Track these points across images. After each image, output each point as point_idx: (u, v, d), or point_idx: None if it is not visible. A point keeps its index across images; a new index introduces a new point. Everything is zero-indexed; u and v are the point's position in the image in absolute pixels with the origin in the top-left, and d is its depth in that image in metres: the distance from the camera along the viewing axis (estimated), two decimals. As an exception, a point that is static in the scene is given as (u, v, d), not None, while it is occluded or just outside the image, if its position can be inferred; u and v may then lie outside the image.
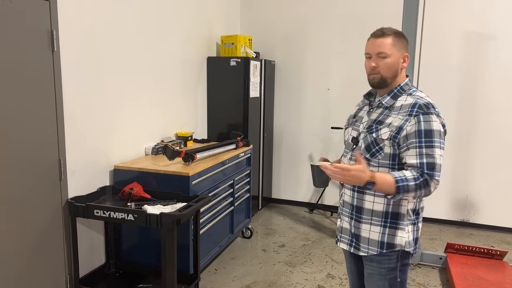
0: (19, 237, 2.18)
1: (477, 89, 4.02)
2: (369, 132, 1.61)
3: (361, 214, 1.65)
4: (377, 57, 1.58)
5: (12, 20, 2.05)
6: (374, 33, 1.61)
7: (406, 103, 1.57)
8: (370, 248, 1.65)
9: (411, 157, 1.51)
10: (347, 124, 1.80)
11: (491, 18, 3.89)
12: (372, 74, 1.61)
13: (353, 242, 1.70)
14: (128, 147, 3.01)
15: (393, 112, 1.58)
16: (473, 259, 3.22)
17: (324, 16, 4.40)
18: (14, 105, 2.09)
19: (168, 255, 2.28)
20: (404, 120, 1.53)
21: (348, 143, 1.72)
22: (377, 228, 1.63)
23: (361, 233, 1.67)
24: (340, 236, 1.77)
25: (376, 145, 1.58)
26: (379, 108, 1.64)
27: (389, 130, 1.55)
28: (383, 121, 1.59)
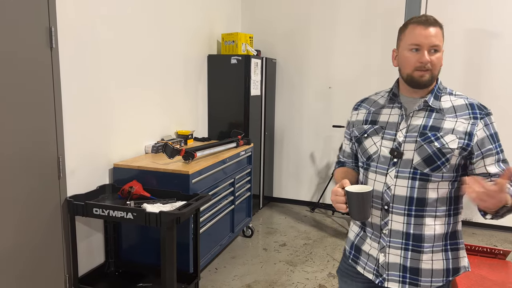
0: (18, 236, 2.16)
1: (480, 87, 3.99)
2: (425, 141, 1.31)
3: (422, 243, 1.35)
4: (429, 51, 1.30)
5: (10, 16, 2.03)
6: (425, 20, 1.32)
7: (459, 104, 1.34)
8: (434, 280, 1.37)
9: (491, 166, 1.30)
10: (363, 133, 1.44)
11: (495, 15, 3.86)
12: (422, 70, 1.30)
13: (408, 278, 1.38)
14: (128, 145, 2.99)
15: (448, 115, 1.32)
16: (476, 258, 3.19)
17: (325, 14, 4.37)
18: (12, 102, 2.07)
19: (168, 254, 2.26)
20: (471, 125, 1.30)
21: (382, 157, 1.38)
22: (440, 255, 1.37)
23: (421, 265, 1.36)
24: (387, 275, 1.40)
25: (442, 156, 1.29)
26: (422, 111, 1.35)
27: (457, 138, 1.29)
28: (439, 126, 1.31)
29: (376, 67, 4.26)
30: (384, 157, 1.37)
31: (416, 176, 1.32)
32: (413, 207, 1.33)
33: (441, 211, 1.34)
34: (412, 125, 1.35)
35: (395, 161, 1.35)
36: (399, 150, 1.34)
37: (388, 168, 1.36)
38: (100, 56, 2.64)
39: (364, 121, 1.46)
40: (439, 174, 1.31)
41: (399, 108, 1.39)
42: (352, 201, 1.26)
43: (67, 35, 2.37)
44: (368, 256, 1.45)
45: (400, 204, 1.34)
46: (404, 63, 1.34)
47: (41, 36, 2.20)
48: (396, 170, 1.34)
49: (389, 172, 1.36)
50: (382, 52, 4.22)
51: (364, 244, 1.47)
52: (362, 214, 1.27)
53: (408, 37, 1.32)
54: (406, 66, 1.33)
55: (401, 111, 1.38)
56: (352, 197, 1.26)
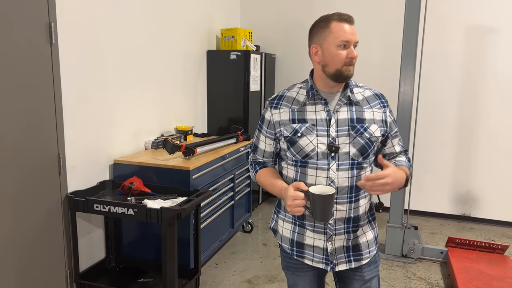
0: (18, 232, 2.16)
1: (480, 82, 4.00)
2: (357, 133, 1.41)
3: (358, 222, 1.49)
4: (354, 47, 1.38)
5: (9, 12, 2.01)
6: (348, 18, 1.38)
7: (368, 95, 1.48)
8: (370, 250, 1.53)
9: (397, 146, 1.55)
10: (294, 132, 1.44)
11: (495, 11, 3.85)
12: (350, 65, 1.38)
13: (352, 256, 1.51)
14: (128, 141, 2.98)
15: (364, 106, 1.45)
16: (475, 253, 3.22)
17: (324, 8, 4.35)
18: (12, 99, 2.06)
19: (169, 250, 2.27)
20: (382, 113, 1.48)
21: (321, 154, 1.41)
22: (367, 226, 1.54)
23: (359, 240, 1.51)
24: (336, 259, 1.49)
25: (371, 144, 1.43)
26: (344, 105, 1.44)
27: (378, 126, 1.45)
28: (362, 118, 1.43)
29: (375, 62, 4.26)
30: (322, 154, 1.42)
31: (354, 166, 1.43)
32: (353, 194, 1.44)
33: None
34: (340, 119, 1.43)
35: (332, 155, 1.42)
36: (335, 144, 1.41)
37: (329, 163, 1.41)
38: (100, 52, 2.63)
39: (291, 120, 1.46)
40: (368, 161, 1.46)
41: (323, 104, 1.45)
42: (317, 203, 1.29)
43: (67, 31, 2.35)
44: (313, 248, 1.51)
45: (344, 194, 1.43)
46: (333, 59, 1.38)
47: (40, 32, 2.18)
48: (337, 163, 1.41)
49: (330, 167, 1.42)
50: (381, 47, 4.21)
51: (305, 238, 1.51)
52: (327, 215, 1.31)
53: (336, 34, 1.36)
54: (336, 61, 1.37)
55: (326, 107, 1.44)
56: (319, 200, 1.28)
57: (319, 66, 1.42)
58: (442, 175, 4.23)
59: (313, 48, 1.43)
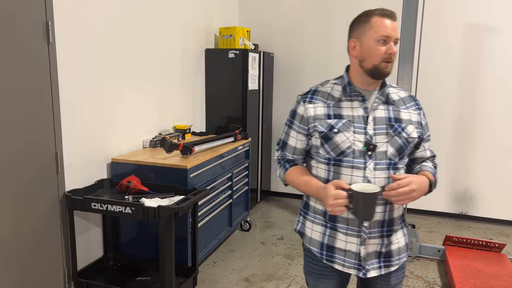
0: (16, 231, 2.17)
1: (478, 81, 4.00)
2: (395, 133, 1.37)
3: (393, 226, 1.43)
4: (394, 43, 1.34)
5: (6, 10, 2.01)
6: (391, 13, 1.34)
7: (403, 96, 1.45)
8: (401, 257, 1.47)
9: (427, 150, 1.51)
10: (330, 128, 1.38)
11: (493, 10, 3.85)
12: (389, 62, 1.34)
13: (382, 262, 1.43)
14: (126, 140, 2.99)
15: (400, 106, 1.42)
16: (472, 251, 3.22)
17: (323, 7, 4.36)
18: (9, 98, 2.06)
19: (166, 248, 2.27)
20: (417, 115, 1.44)
21: (357, 151, 1.36)
22: (400, 232, 1.47)
23: (392, 247, 1.44)
24: (368, 265, 1.41)
25: (408, 145, 1.40)
26: (381, 104, 1.40)
27: (415, 127, 1.41)
28: (400, 118, 1.40)
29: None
30: (359, 151, 1.36)
31: (391, 166, 1.38)
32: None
33: None
34: (377, 117, 1.39)
35: (369, 154, 1.36)
36: (372, 142, 1.36)
37: (366, 161, 1.35)
38: (97, 51, 2.63)
39: (327, 115, 1.40)
40: (403, 161, 1.42)
41: (360, 101, 1.40)
42: (360, 202, 1.23)
43: (64, 30, 2.35)
44: (345, 252, 1.42)
45: (381, 194, 1.33)
46: (372, 53, 1.34)
47: (38, 31, 2.18)
48: (374, 162, 1.36)
49: (367, 166, 1.35)
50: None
51: (336, 242, 1.43)
52: (371, 214, 1.25)
53: (376, 29, 1.33)
54: (374, 57, 1.33)
55: (363, 104, 1.39)
56: (363, 198, 1.22)
57: (356, 61, 1.39)
58: (440, 174, 4.20)
59: (351, 42, 1.41)
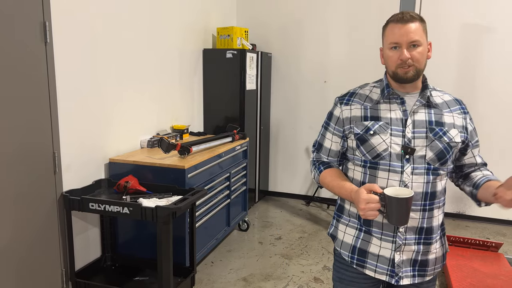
0: (14, 231, 2.16)
1: (476, 82, 4.02)
2: (436, 136, 1.33)
3: (431, 235, 1.38)
4: (409, 47, 1.30)
5: (3, 11, 2.01)
6: (401, 17, 1.32)
7: (448, 100, 1.41)
8: (436, 267, 1.43)
9: (478, 156, 1.47)
10: (366, 130, 1.37)
11: (490, 10, 3.87)
12: (404, 67, 1.31)
13: (417, 270, 1.40)
14: (123, 140, 2.99)
15: (444, 110, 1.38)
16: (469, 251, 3.24)
17: (321, 7, 4.36)
18: (6, 98, 2.06)
19: (164, 248, 2.27)
20: (463, 119, 1.39)
21: (394, 154, 1.33)
22: (439, 242, 1.43)
23: (429, 256, 1.40)
24: (402, 273, 1.38)
25: (450, 150, 1.34)
26: (422, 107, 1.37)
27: (459, 131, 1.36)
28: (442, 121, 1.35)
29: (371, 61, 4.27)
30: (396, 155, 1.33)
31: (430, 171, 1.34)
32: (427, 201, 1.35)
33: (442, 201, 1.41)
34: (417, 120, 1.35)
35: (407, 157, 1.33)
36: (410, 146, 1.33)
37: (403, 165, 1.33)
38: (95, 51, 2.63)
39: (363, 117, 1.39)
40: (445, 167, 1.36)
41: (399, 104, 1.37)
42: (394, 206, 1.21)
43: (62, 30, 2.35)
44: (378, 257, 1.39)
45: (418, 200, 1.33)
46: (388, 61, 1.36)
47: (35, 31, 2.18)
48: (411, 166, 1.33)
49: (405, 170, 1.32)
50: (376, 45, 4.22)
51: (370, 246, 1.40)
52: (404, 219, 1.23)
53: (388, 36, 1.35)
54: (390, 64, 1.35)
55: (402, 107, 1.37)
56: (396, 203, 1.20)
57: None
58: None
59: (380, 50, 1.44)
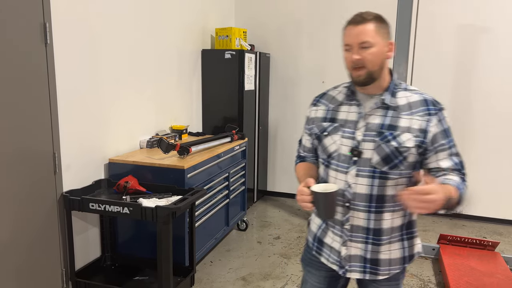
0: (14, 231, 2.18)
1: (472, 82, 4.04)
2: (383, 140, 1.32)
3: (380, 236, 1.39)
4: (360, 48, 1.30)
5: (3, 12, 2.03)
6: (353, 19, 1.33)
7: (414, 101, 1.36)
8: (392, 268, 1.43)
9: (444, 160, 1.35)
10: (323, 130, 1.44)
11: (486, 11, 3.90)
12: (355, 68, 1.33)
13: (368, 268, 1.43)
14: (123, 141, 3.00)
15: (403, 112, 1.34)
16: (466, 250, 3.26)
17: (319, 8, 4.38)
18: (7, 99, 2.08)
19: (164, 248, 2.29)
20: (425, 121, 1.32)
21: (342, 155, 1.38)
22: (397, 244, 1.43)
23: (380, 256, 1.42)
24: (349, 266, 1.44)
25: (399, 155, 1.32)
26: (380, 109, 1.36)
27: (413, 136, 1.32)
28: (396, 125, 1.33)
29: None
30: (344, 156, 1.38)
31: (376, 175, 1.34)
32: (373, 203, 1.36)
33: (399, 205, 1.37)
34: (370, 123, 1.36)
35: (355, 159, 1.36)
36: (358, 149, 1.35)
37: (349, 166, 1.37)
38: (95, 52, 2.64)
39: (324, 118, 1.46)
40: (397, 172, 1.34)
41: (357, 106, 1.40)
42: (318, 201, 1.27)
43: (62, 31, 2.37)
44: (331, 248, 1.48)
45: (361, 201, 1.36)
46: (344, 62, 1.37)
47: (35, 32, 2.20)
48: (356, 168, 1.36)
49: (349, 171, 1.37)
50: (375, 47, 4.25)
51: (326, 237, 1.50)
52: (329, 214, 1.29)
53: (343, 38, 1.36)
54: (346, 65, 1.36)
55: (359, 109, 1.39)
56: (319, 197, 1.26)
57: None
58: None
59: None
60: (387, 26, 1.36)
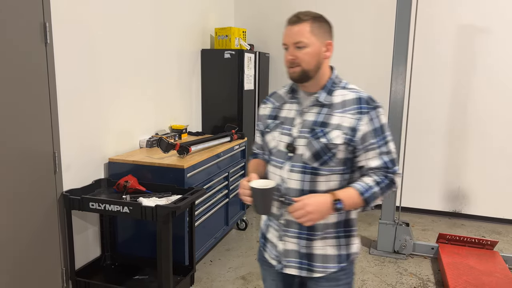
0: (14, 230, 2.18)
1: (471, 81, 4.05)
2: (314, 137, 1.36)
3: (314, 231, 1.41)
4: (295, 48, 1.34)
5: (3, 12, 2.03)
6: (290, 19, 1.37)
7: (348, 99, 1.37)
8: (327, 266, 1.43)
9: (373, 159, 1.36)
10: (267, 128, 1.50)
11: (485, 10, 3.91)
12: (291, 67, 1.37)
13: (304, 264, 1.44)
14: (123, 140, 3.01)
15: (336, 110, 1.36)
16: (465, 249, 3.28)
17: (318, 8, 4.38)
18: (7, 98, 2.08)
19: (164, 247, 2.30)
20: (355, 119, 1.34)
21: (280, 151, 1.43)
22: (333, 241, 1.43)
23: (314, 251, 1.43)
24: (286, 261, 1.46)
25: (328, 151, 1.35)
26: (315, 107, 1.39)
27: (342, 133, 1.34)
28: (327, 122, 1.36)
29: (368, 61, 4.31)
30: (280, 152, 1.43)
31: (307, 170, 1.37)
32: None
33: None
34: (305, 121, 1.40)
35: (290, 155, 1.40)
36: (293, 145, 1.39)
37: (284, 162, 1.41)
38: (94, 52, 2.65)
39: (269, 116, 1.51)
40: (327, 168, 1.37)
41: (297, 104, 1.45)
42: (255, 196, 1.33)
43: (62, 31, 2.37)
44: (272, 244, 1.52)
45: (294, 196, 1.38)
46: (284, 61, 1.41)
47: (35, 32, 2.20)
48: (290, 164, 1.40)
49: (284, 166, 1.41)
50: (373, 46, 4.26)
51: (269, 232, 1.54)
52: (265, 209, 1.35)
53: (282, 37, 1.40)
54: (285, 63, 1.40)
55: (298, 107, 1.44)
56: (256, 193, 1.32)
57: None
58: (433, 173, 4.28)
59: None
60: (325, 26, 1.39)
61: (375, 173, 1.37)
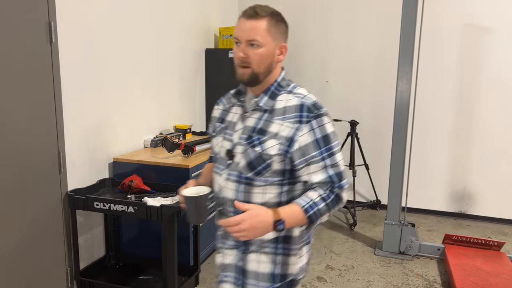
0: (19, 230, 2.18)
1: (476, 82, 4.03)
2: (250, 145, 1.24)
3: (249, 246, 1.31)
4: (247, 45, 1.21)
5: (9, 11, 2.02)
6: (246, 11, 1.22)
7: (290, 105, 1.23)
8: (259, 284, 1.31)
9: (316, 174, 1.21)
10: (214, 131, 1.39)
11: (491, 11, 3.88)
12: (240, 66, 1.23)
13: (239, 280, 1.33)
14: (127, 140, 3.00)
15: (276, 117, 1.23)
16: (471, 250, 3.25)
17: (322, 6, 4.37)
18: (12, 97, 2.08)
19: (169, 247, 2.29)
20: (294, 129, 1.20)
21: (221, 158, 1.32)
22: (267, 257, 1.30)
23: (247, 266, 1.31)
24: (224, 276, 1.36)
25: (262, 162, 1.22)
26: (256, 112, 1.26)
27: (278, 143, 1.21)
28: (265, 129, 1.23)
29: (372, 60, 4.28)
30: (221, 158, 1.32)
31: (242, 180, 1.26)
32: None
33: None
34: (247, 126, 1.27)
35: (229, 162, 1.29)
36: (232, 152, 1.28)
37: (224, 169, 1.30)
38: (99, 51, 2.64)
39: (218, 118, 1.39)
40: (262, 179, 1.24)
41: (241, 107, 1.32)
42: (187, 204, 1.24)
43: (66, 30, 2.36)
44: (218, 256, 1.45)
45: (229, 206, 1.29)
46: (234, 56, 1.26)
47: (40, 31, 2.20)
48: (227, 172, 1.29)
49: (222, 174, 1.30)
50: (378, 45, 4.24)
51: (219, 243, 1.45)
52: (197, 218, 1.24)
53: (234, 29, 1.25)
54: (234, 60, 1.25)
55: (241, 110, 1.32)
56: (186, 201, 1.23)
57: None
58: (439, 173, 4.26)
59: None
60: (283, 26, 1.27)
61: (320, 187, 1.22)
